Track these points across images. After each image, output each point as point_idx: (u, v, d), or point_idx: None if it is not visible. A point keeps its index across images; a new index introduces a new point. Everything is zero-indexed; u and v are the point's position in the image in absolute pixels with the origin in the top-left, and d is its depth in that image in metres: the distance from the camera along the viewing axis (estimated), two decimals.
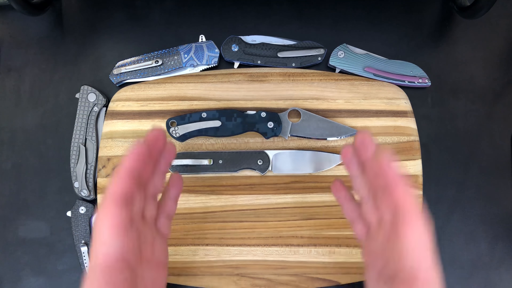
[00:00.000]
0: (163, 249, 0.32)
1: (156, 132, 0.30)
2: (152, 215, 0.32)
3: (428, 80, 0.46)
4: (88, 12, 0.50)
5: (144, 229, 0.30)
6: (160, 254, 0.32)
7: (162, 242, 0.32)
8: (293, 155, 0.44)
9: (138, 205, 0.29)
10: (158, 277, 0.31)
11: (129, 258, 0.27)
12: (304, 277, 0.42)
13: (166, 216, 0.33)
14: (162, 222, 0.33)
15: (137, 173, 0.28)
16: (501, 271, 0.44)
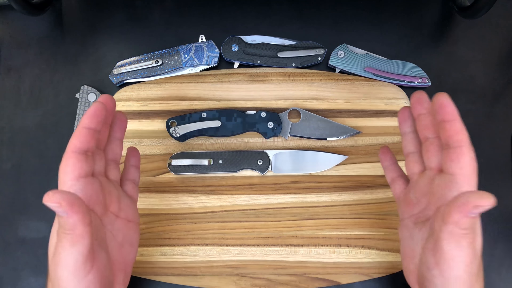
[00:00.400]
0: (131, 209, 0.34)
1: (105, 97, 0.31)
2: (115, 177, 0.34)
3: (428, 80, 0.46)
4: (88, 12, 0.50)
5: (108, 185, 0.32)
6: (129, 212, 0.33)
7: (130, 202, 0.34)
8: (293, 155, 0.44)
9: (99, 164, 0.31)
10: (129, 232, 0.33)
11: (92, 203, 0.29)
12: (304, 277, 0.42)
13: (132, 182, 0.36)
14: (129, 186, 0.35)
15: (95, 131, 0.30)
16: (501, 271, 0.44)
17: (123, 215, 0.33)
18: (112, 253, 0.31)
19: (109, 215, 0.32)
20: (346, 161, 0.44)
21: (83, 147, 0.29)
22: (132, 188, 0.36)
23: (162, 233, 0.43)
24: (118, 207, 0.33)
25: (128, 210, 0.34)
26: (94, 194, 0.30)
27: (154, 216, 0.43)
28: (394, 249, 0.42)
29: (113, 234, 0.32)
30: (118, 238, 0.32)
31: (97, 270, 0.28)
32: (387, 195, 0.43)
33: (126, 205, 0.34)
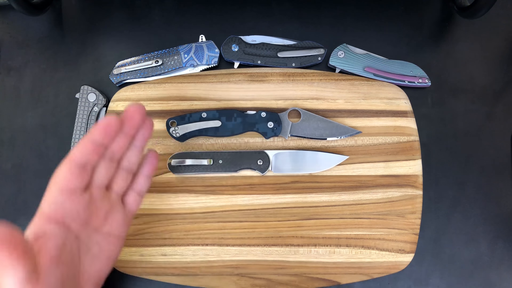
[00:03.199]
0: (120, 223, 0.33)
1: (133, 108, 0.31)
2: (120, 188, 0.33)
3: (428, 80, 0.46)
4: (88, 12, 0.50)
5: (101, 200, 0.31)
6: (115, 227, 0.32)
7: (121, 216, 0.33)
8: (293, 155, 0.44)
9: (102, 176, 0.31)
10: (108, 246, 0.32)
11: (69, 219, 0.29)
12: (304, 277, 0.42)
13: (137, 192, 0.34)
14: (132, 197, 0.34)
15: (101, 144, 0.29)
16: (501, 271, 0.44)
17: (106, 230, 0.32)
18: (84, 264, 0.30)
19: (88, 229, 0.31)
20: (346, 161, 0.44)
21: (82, 160, 0.29)
22: (134, 200, 0.34)
23: (162, 233, 0.43)
24: (102, 222, 0.31)
25: (114, 225, 0.32)
26: (74, 210, 0.29)
27: (154, 216, 0.43)
28: (394, 249, 0.42)
29: (88, 246, 0.30)
30: (93, 251, 0.31)
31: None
32: (387, 195, 0.43)
33: (115, 220, 0.32)
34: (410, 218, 0.43)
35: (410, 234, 0.42)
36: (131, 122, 0.31)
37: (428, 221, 0.44)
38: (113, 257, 0.33)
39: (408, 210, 0.43)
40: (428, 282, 0.44)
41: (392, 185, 0.43)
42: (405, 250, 0.42)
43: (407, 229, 0.42)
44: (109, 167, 0.31)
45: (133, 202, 0.34)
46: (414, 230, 0.42)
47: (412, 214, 0.43)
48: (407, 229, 0.42)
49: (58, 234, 0.28)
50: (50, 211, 0.29)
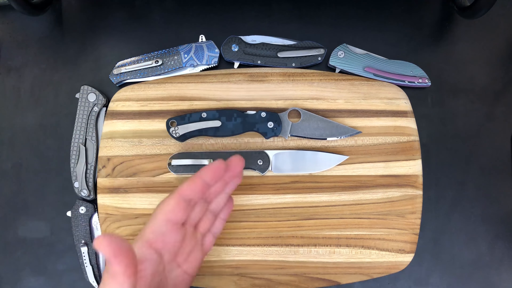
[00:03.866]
0: (197, 262, 0.35)
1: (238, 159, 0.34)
2: (205, 229, 0.36)
3: (428, 80, 0.46)
4: (88, 12, 0.50)
5: (190, 237, 0.33)
6: (192, 265, 0.35)
7: (200, 255, 0.35)
8: (293, 155, 0.44)
9: (196, 215, 0.34)
10: (181, 283, 0.34)
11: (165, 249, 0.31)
12: (304, 277, 0.42)
13: (213, 234, 0.37)
14: (209, 239, 0.36)
15: (208, 186, 0.32)
16: (501, 271, 0.44)
17: (185, 267, 0.34)
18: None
19: (173, 263, 0.33)
20: (346, 161, 0.44)
21: (190, 196, 0.31)
22: (210, 241, 0.37)
23: None
24: (185, 259, 0.34)
25: (193, 264, 0.35)
26: (172, 242, 0.32)
27: None
28: (394, 249, 0.42)
29: (167, 280, 0.33)
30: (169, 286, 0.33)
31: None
32: (387, 195, 0.43)
33: (194, 259, 0.35)
34: (410, 218, 0.43)
35: (410, 234, 0.42)
36: (233, 172, 0.34)
37: (428, 221, 0.44)
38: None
39: (408, 210, 0.43)
40: (428, 282, 0.44)
41: (392, 185, 0.43)
42: (405, 250, 0.42)
43: (407, 229, 0.42)
44: (203, 208, 0.34)
45: (209, 243, 0.37)
46: (414, 230, 0.42)
47: (412, 214, 0.43)
48: (407, 229, 0.42)
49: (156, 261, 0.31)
50: (153, 238, 0.31)
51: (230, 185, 0.36)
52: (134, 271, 0.28)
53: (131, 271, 0.28)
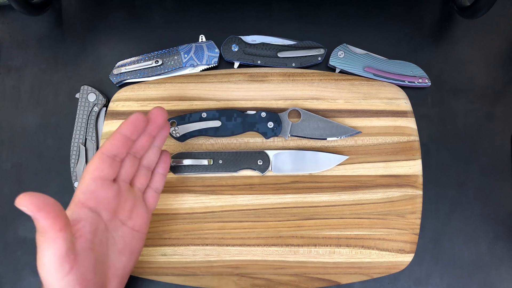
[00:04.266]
0: (143, 219, 0.35)
1: (158, 110, 0.33)
2: (142, 185, 0.35)
3: (428, 80, 0.46)
4: (88, 12, 0.50)
5: (127, 194, 0.33)
6: (138, 222, 0.35)
7: (144, 211, 0.35)
8: (293, 155, 0.44)
9: (127, 171, 0.33)
10: (132, 241, 0.34)
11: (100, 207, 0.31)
12: (304, 277, 0.42)
13: (154, 190, 0.37)
14: (150, 194, 0.36)
15: (129, 138, 0.32)
16: (501, 271, 0.44)
17: (130, 224, 0.34)
18: (110, 257, 0.32)
19: (116, 221, 0.33)
20: (346, 161, 0.44)
21: (113, 151, 0.31)
22: (152, 197, 0.37)
23: (162, 233, 0.43)
24: (128, 215, 0.34)
25: (138, 219, 0.35)
26: (106, 199, 0.31)
27: (154, 216, 0.43)
28: (394, 249, 0.42)
29: (115, 240, 0.33)
30: (119, 245, 0.33)
31: (78, 272, 0.29)
32: (387, 195, 0.43)
33: (138, 214, 0.35)
34: (410, 218, 0.43)
35: (410, 234, 0.42)
36: (155, 123, 0.34)
37: (428, 221, 0.44)
38: (136, 253, 0.35)
39: (408, 210, 0.43)
40: (428, 282, 0.44)
41: (392, 185, 0.43)
42: (405, 250, 0.42)
43: (407, 229, 0.42)
44: (133, 163, 0.34)
45: (152, 199, 0.37)
46: (414, 230, 0.42)
47: (412, 214, 0.43)
48: (407, 229, 0.42)
49: (92, 219, 0.31)
50: (84, 198, 0.30)
51: (158, 138, 0.36)
52: (64, 225, 0.27)
53: (62, 224, 0.27)
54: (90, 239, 0.30)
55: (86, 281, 0.29)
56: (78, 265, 0.29)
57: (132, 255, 0.35)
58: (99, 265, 0.31)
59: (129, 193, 0.34)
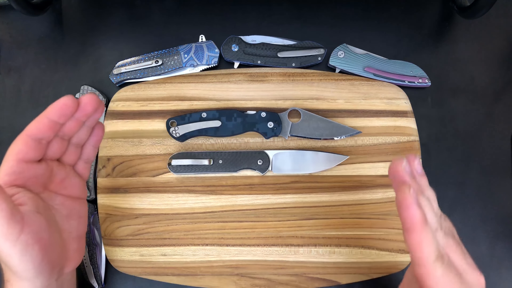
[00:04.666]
0: (77, 187, 0.36)
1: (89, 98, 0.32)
2: (71, 160, 0.35)
3: (428, 80, 0.46)
4: (88, 12, 0.50)
5: (55, 169, 0.34)
6: (73, 190, 0.35)
7: (77, 180, 0.36)
8: (293, 155, 0.44)
9: (54, 151, 0.33)
10: (75, 206, 0.35)
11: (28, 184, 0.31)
12: (304, 277, 0.42)
13: (85, 161, 0.37)
14: (81, 165, 0.36)
15: (57, 124, 0.31)
16: (501, 271, 0.44)
17: (65, 193, 0.35)
18: (60, 223, 0.33)
19: (48, 192, 0.33)
20: (346, 161, 0.44)
21: (38, 135, 0.30)
22: (83, 168, 0.37)
23: (162, 233, 0.43)
24: (59, 186, 0.34)
25: (73, 188, 0.35)
26: (32, 178, 0.31)
27: (154, 216, 0.43)
28: (394, 249, 0.42)
29: (56, 207, 0.33)
30: (63, 211, 0.34)
31: (30, 232, 0.29)
32: (387, 195, 0.43)
33: (71, 184, 0.35)
34: None
35: None
36: (84, 111, 0.32)
37: None
38: (84, 216, 0.37)
39: None
40: None
41: (392, 185, 0.43)
42: (405, 250, 0.42)
43: None
44: (61, 144, 0.34)
45: (83, 169, 0.37)
46: None
47: None
48: None
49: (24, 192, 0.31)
50: (10, 180, 0.30)
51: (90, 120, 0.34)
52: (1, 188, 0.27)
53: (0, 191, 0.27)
54: (32, 204, 0.30)
55: (42, 240, 0.29)
56: (28, 224, 0.29)
57: (80, 218, 0.36)
58: (51, 227, 0.31)
59: (57, 168, 0.34)
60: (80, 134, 0.35)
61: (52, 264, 0.31)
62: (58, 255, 0.32)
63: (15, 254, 0.28)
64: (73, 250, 0.34)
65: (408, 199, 0.28)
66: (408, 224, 0.28)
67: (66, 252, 0.33)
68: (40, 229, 0.30)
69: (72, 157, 0.35)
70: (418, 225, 0.28)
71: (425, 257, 0.27)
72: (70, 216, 0.34)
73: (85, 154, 0.36)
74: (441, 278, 0.27)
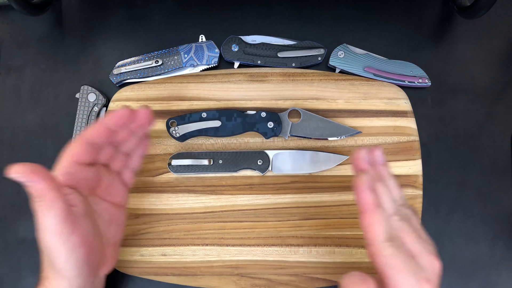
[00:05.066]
0: (120, 195, 0.37)
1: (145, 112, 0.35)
2: (118, 167, 0.37)
3: (428, 80, 0.46)
4: (88, 12, 0.50)
5: (102, 174, 0.35)
6: (117, 197, 0.37)
7: (121, 189, 0.37)
8: (293, 155, 0.44)
9: (105, 157, 0.35)
10: (115, 213, 0.37)
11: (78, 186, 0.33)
12: (304, 277, 0.42)
13: (131, 169, 0.38)
14: (126, 174, 0.38)
15: (111, 130, 0.33)
16: (501, 271, 0.44)
17: (109, 199, 0.36)
18: (101, 227, 0.34)
19: (94, 197, 0.35)
20: (346, 161, 0.43)
21: (94, 140, 0.33)
22: (128, 176, 0.38)
23: (162, 233, 0.43)
24: (105, 192, 0.36)
25: (117, 195, 0.37)
26: (84, 180, 0.33)
27: (154, 216, 0.43)
28: None
29: (99, 213, 0.35)
30: (105, 217, 0.35)
31: (80, 233, 0.30)
32: None
33: (116, 191, 0.37)
34: None
35: None
36: (139, 123, 0.35)
37: (428, 221, 0.44)
38: (122, 224, 0.38)
39: None
40: None
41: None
42: None
43: None
44: (111, 151, 0.36)
45: (128, 177, 0.38)
46: None
47: None
48: None
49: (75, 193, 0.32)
50: (64, 180, 0.32)
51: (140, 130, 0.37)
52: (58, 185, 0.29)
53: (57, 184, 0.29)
54: (82, 206, 0.32)
55: (88, 242, 0.31)
56: (78, 226, 0.30)
57: (118, 226, 0.37)
58: (95, 230, 0.33)
59: (105, 174, 0.36)
60: (129, 144, 0.37)
61: (92, 266, 0.32)
62: (98, 258, 0.33)
63: (63, 253, 0.30)
64: (109, 255, 0.35)
65: (362, 184, 0.31)
66: (361, 207, 0.31)
67: (104, 257, 0.34)
68: (88, 232, 0.32)
69: (119, 164, 0.37)
70: (370, 208, 0.31)
71: (375, 237, 0.30)
72: (110, 222, 0.36)
73: (131, 163, 0.38)
74: (390, 258, 0.29)
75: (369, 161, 0.34)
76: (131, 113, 0.33)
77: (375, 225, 0.30)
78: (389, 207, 0.32)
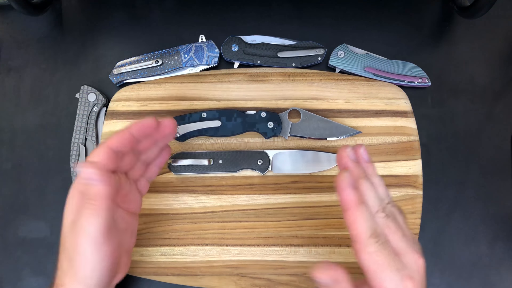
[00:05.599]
0: (135, 203, 0.37)
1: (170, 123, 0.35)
2: (136, 176, 0.37)
3: (428, 80, 0.46)
4: (88, 12, 0.50)
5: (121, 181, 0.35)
6: (131, 205, 0.37)
7: (137, 197, 0.38)
8: (293, 155, 0.44)
9: (126, 165, 0.35)
10: (130, 220, 0.37)
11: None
12: (304, 277, 0.42)
13: (147, 178, 0.39)
14: (143, 183, 0.38)
15: (136, 140, 0.34)
16: (501, 271, 0.44)
17: (125, 206, 0.36)
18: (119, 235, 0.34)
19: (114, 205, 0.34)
20: None
21: (118, 148, 0.33)
22: (144, 185, 0.38)
23: (162, 233, 0.43)
24: (122, 200, 0.36)
25: (133, 203, 0.37)
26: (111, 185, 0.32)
27: (154, 216, 0.43)
28: None
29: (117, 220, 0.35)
30: (122, 224, 0.35)
31: (111, 244, 0.31)
32: None
33: (132, 198, 0.37)
34: (410, 218, 0.43)
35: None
36: (163, 133, 0.35)
37: (428, 221, 0.44)
38: (135, 232, 0.38)
39: (408, 210, 0.43)
40: (428, 282, 0.44)
41: (392, 185, 0.43)
42: None
43: None
44: (133, 159, 0.36)
45: (143, 186, 0.38)
46: (414, 230, 0.42)
47: (412, 214, 0.43)
48: None
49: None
50: None
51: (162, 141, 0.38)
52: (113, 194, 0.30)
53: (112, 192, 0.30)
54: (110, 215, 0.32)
55: (115, 252, 0.31)
56: (111, 236, 0.31)
57: (132, 234, 0.37)
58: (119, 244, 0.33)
59: (124, 182, 0.36)
60: (149, 154, 0.37)
61: (112, 274, 0.32)
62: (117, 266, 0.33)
63: (93, 261, 0.30)
64: (123, 263, 0.35)
65: (344, 181, 0.31)
66: (343, 204, 0.31)
67: (119, 264, 0.34)
68: (117, 242, 0.32)
69: (138, 173, 0.37)
70: (352, 205, 0.30)
71: (358, 234, 0.30)
72: (126, 230, 0.36)
73: (149, 172, 0.38)
74: (374, 254, 0.30)
75: (354, 158, 0.34)
76: (157, 123, 0.34)
77: (359, 222, 0.30)
78: (373, 204, 0.32)
